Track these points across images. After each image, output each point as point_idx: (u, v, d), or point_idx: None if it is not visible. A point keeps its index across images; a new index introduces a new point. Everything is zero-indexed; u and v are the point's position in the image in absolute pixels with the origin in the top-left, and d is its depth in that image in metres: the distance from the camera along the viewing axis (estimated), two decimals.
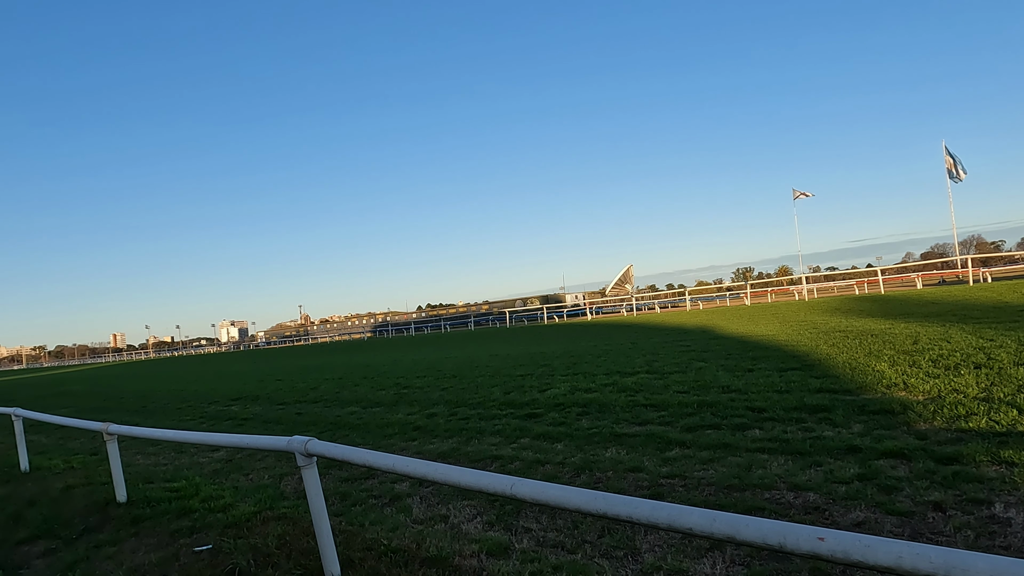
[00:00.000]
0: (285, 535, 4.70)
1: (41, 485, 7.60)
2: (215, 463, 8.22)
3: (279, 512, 5.44)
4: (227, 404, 14.94)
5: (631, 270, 70.88)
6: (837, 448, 5.56)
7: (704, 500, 4.75)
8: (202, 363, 44.87)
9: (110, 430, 6.25)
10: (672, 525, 2.08)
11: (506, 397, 10.45)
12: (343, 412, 11.31)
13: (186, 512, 5.75)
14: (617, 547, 4.05)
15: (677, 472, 5.50)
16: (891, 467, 4.99)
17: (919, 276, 36.65)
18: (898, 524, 3.98)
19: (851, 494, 4.53)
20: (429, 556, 4.12)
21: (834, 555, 1.73)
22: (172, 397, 18.28)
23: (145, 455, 9.22)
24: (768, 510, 4.41)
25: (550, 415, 8.55)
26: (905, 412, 6.42)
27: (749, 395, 8.12)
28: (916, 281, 36.46)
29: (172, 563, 4.57)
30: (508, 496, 2.57)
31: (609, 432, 7.16)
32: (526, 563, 3.94)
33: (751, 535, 1.91)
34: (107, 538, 5.41)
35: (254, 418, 12.11)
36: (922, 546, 1.62)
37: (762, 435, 6.32)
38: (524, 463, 6.45)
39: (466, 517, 5.02)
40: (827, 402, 7.20)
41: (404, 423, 9.41)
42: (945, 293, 22.60)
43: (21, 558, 5.30)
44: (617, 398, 9.00)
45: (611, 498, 2.28)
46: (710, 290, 65.87)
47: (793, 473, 5.11)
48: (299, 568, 4.05)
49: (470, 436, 8.01)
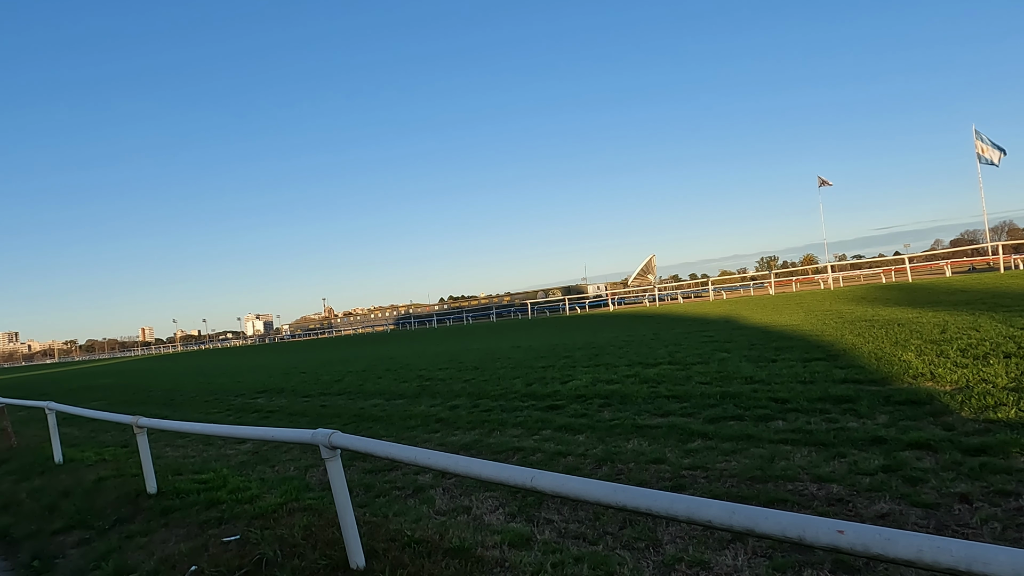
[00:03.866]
0: (311, 526, 4.77)
1: (74, 477, 7.78)
2: (242, 455, 8.35)
3: (305, 503, 5.53)
4: (253, 397, 15.15)
5: (653, 260, 70.47)
6: (861, 439, 5.51)
7: (726, 492, 4.73)
8: (228, 356, 45.51)
9: (140, 423, 6.38)
10: (691, 517, 2.08)
11: (528, 389, 10.47)
12: (366, 404, 11.42)
13: (214, 503, 5.86)
14: (639, 539, 4.06)
15: (699, 464, 5.49)
16: (917, 458, 4.93)
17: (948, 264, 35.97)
18: (923, 516, 3.93)
19: (875, 486, 4.49)
20: (452, 547, 4.17)
21: (854, 548, 1.73)
22: (199, 390, 18.58)
23: (174, 447, 9.40)
24: (791, 502, 4.39)
25: (572, 407, 8.56)
26: (932, 403, 6.33)
27: (772, 386, 8.06)
28: (945, 269, 35.81)
29: (201, 553, 4.67)
30: (528, 488, 2.59)
31: (631, 423, 7.16)
32: (548, 554, 3.96)
33: (770, 528, 1.91)
34: (138, 528, 5.54)
35: (279, 410, 12.27)
36: (943, 539, 1.61)
37: (785, 426, 6.28)
38: (546, 455, 6.47)
39: (488, 508, 5.05)
40: (852, 393, 7.12)
41: (426, 415, 9.48)
42: (975, 281, 22.17)
43: (57, 548, 5.45)
44: (639, 389, 8.98)
45: (630, 490, 2.28)
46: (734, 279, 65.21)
47: (816, 464, 5.07)
48: (324, 558, 4.12)
49: (492, 428, 8.06)
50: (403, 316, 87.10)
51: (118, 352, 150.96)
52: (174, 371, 31.54)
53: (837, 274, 42.02)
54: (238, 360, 36.41)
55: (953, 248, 78.44)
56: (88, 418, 8.67)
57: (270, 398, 14.45)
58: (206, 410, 13.86)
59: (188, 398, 16.92)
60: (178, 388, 20.26)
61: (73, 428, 12.47)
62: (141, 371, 36.32)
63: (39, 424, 11.18)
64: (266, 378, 19.37)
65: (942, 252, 57.62)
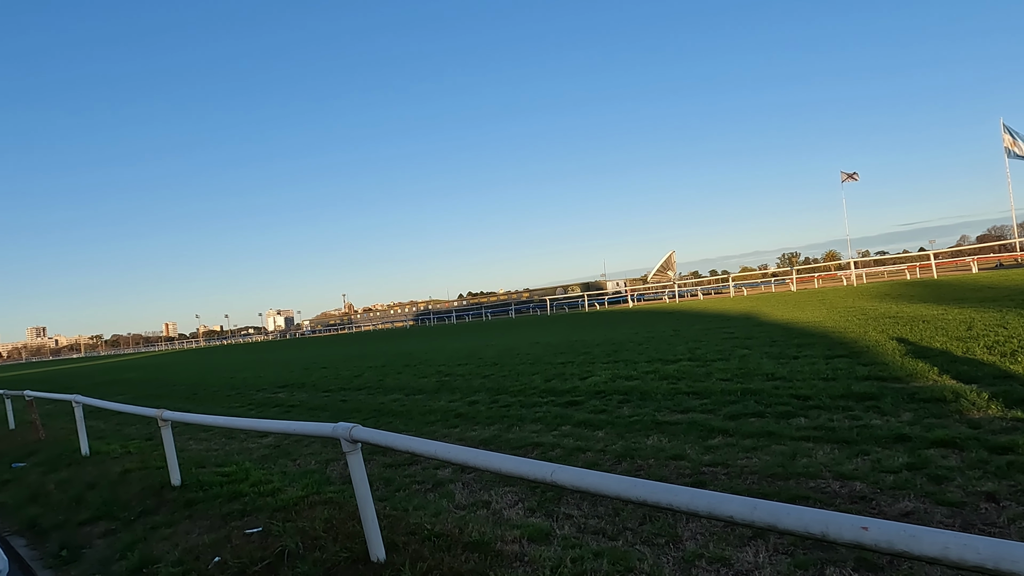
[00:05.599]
0: (331, 519, 4.81)
1: (101, 469, 7.91)
2: (264, 449, 8.44)
3: (325, 496, 5.57)
4: (274, 391, 15.31)
5: (673, 256, 69.98)
6: (885, 437, 5.44)
7: (747, 489, 4.70)
8: (250, 351, 45.99)
9: (164, 416, 6.47)
10: (712, 513, 2.07)
11: (547, 385, 10.47)
12: (386, 399, 11.49)
13: (237, 496, 5.93)
14: (658, 534, 4.05)
15: (719, 460, 5.45)
16: (942, 456, 4.86)
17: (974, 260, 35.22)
18: (948, 515, 3.88)
19: (899, 484, 4.43)
20: (472, 541, 4.18)
21: (878, 545, 1.70)
22: (221, 384, 18.81)
23: (197, 440, 9.52)
24: (813, 499, 4.35)
25: (591, 403, 8.55)
26: (958, 400, 6.23)
27: (794, 383, 7.99)
28: (971, 265, 35.11)
29: (224, 544, 4.73)
30: (548, 483, 2.59)
31: (650, 420, 7.13)
32: (567, 549, 3.96)
33: (792, 524, 1.89)
34: (163, 520, 5.62)
35: (300, 405, 12.39)
36: (970, 536, 1.58)
37: (807, 423, 6.21)
38: (565, 450, 6.47)
39: (508, 503, 5.06)
40: (875, 390, 7.03)
41: (446, 410, 9.51)
42: (1002, 277, 21.77)
43: (84, 538, 5.55)
44: (659, 386, 8.94)
45: (650, 485, 2.28)
46: (754, 276, 64.52)
47: (839, 462, 5.01)
48: (345, 551, 4.15)
49: (511, 423, 8.07)
50: (422, 312, 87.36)
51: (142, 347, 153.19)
52: (197, 366, 31.95)
53: (860, 270, 41.44)
54: (259, 355, 36.79)
55: (980, 244, 76.96)
56: (113, 411, 8.80)
57: (291, 393, 14.59)
58: (228, 404, 14.03)
59: (210, 392, 17.13)
60: (201, 383, 20.52)
61: (99, 421, 12.69)
62: (165, 365, 36.83)
63: (66, 417, 11.38)
64: (287, 373, 19.56)
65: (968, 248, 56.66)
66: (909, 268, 38.11)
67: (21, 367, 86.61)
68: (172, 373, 27.89)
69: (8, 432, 12.65)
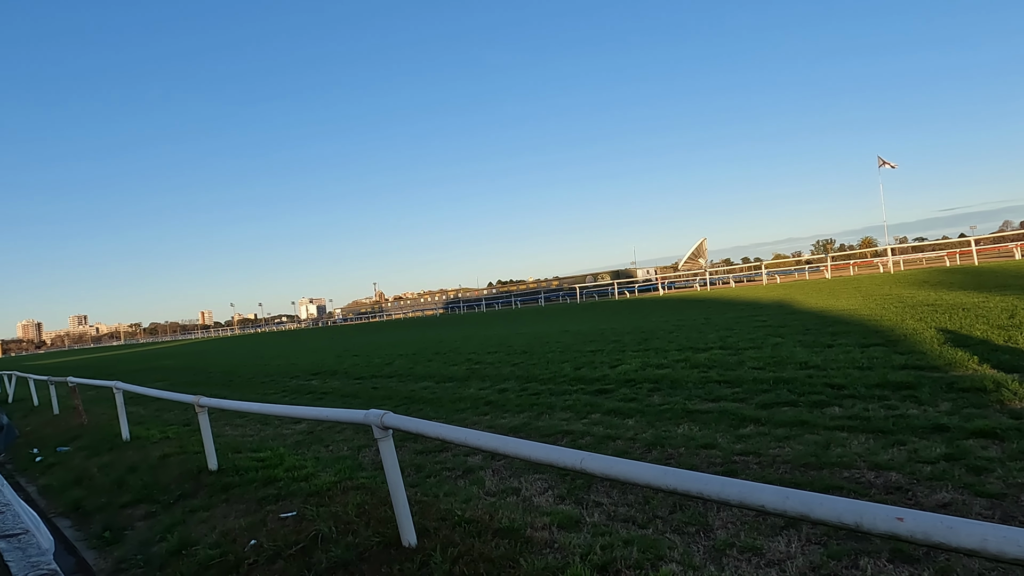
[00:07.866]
0: (364, 504, 4.89)
1: (141, 453, 8.14)
2: (297, 435, 8.59)
3: (358, 482, 5.65)
4: (307, 378, 15.55)
5: (704, 244, 69.31)
6: (922, 427, 5.33)
7: (779, 478, 4.65)
8: (283, 339, 46.76)
9: (201, 402, 6.62)
10: (743, 502, 2.05)
11: (576, 373, 10.46)
12: (417, 387, 11.59)
13: (271, 481, 6.05)
14: (689, 523, 4.03)
15: (751, 449, 5.40)
16: (981, 447, 4.74)
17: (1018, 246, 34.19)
18: (988, 507, 3.79)
19: (936, 474, 4.34)
20: (502, 527, 4.21)
21: (914, 536, 1.67)
22: (256, 371, 19.15)
23: (233, 426, 9.72)
24: (847, 489, 4.28)
25: (621, 391, 8.52)
26: (999, 390, 6.07)
27: (828, 371, 7.86)
28: (1015, 251, 34.11)
29: (260, 528, 4.83)
30: (578, 470, 2.59)
31: (681, 408, 7.08)
32: (597, 536, 3.97)
33: (826, 514, 1.86)
34: (200, 503, 5.77)
35: (333, 392, 12.56)
36: (1010, 529, 1.54)
37: (841, 413, 6.12)
38: (595, 438, 6.46)
39: (537, 490, 5.08)
40: (912, 379, 6.89)
41: (476, 398, 9.57)
42: None
43: (125, 520, 5.73)
44: (689, 374, 8.88)
45: (680, 473, 2.27)
46: (788, 263, 63.54)
47: (874, 452, 4.93)
48: (377, 536, 4.21)
49: (541, 411, 8.08)
50: (452, 300, 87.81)
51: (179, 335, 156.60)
52: (232, 353, 32.56)
53: (898, 257, 40.55)
54: (292, 343, 37.37)
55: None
56: (152, 397, 9.02)
57: (324, 380, 14.80)
58: (262, 391, 14.29)
59: (245, 379, 17.46)
60: (236, 370, 20.93)
61: (139, 407, 13.02)
62: (201, 353, 37.61)
63: (107, 403, 11.70)
64: (319, 361, 19.83)
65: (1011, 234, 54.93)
66: (948, 255, 37.19)
67: (64, 354, 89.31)
68: (208, 360, 28.47)
69: (52, 417, 13.08)
